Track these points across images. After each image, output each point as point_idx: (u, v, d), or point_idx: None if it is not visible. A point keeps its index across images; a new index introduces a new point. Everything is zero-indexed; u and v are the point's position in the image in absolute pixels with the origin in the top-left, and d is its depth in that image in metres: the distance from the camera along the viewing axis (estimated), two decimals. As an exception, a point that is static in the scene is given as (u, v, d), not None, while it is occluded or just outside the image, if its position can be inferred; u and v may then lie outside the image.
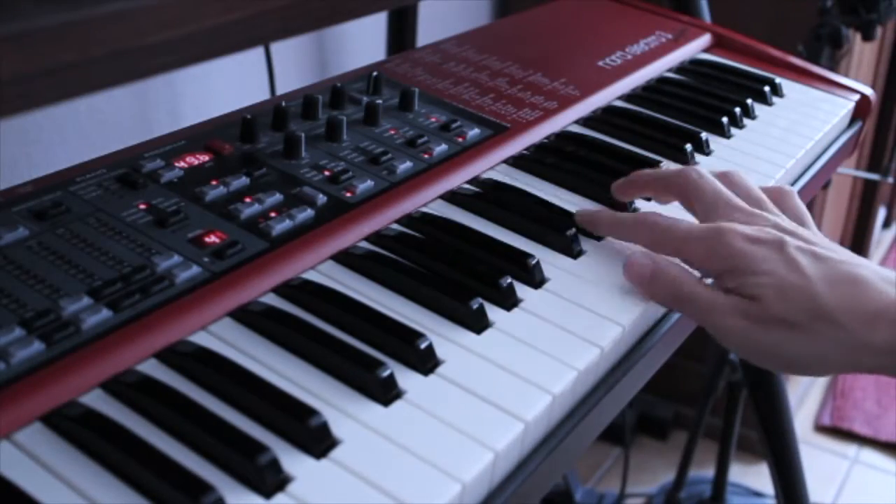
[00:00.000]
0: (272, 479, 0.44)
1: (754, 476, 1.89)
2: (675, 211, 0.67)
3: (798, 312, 0.56)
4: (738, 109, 0.90)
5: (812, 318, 0.56)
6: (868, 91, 1.01)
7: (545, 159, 0.76)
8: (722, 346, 0.60)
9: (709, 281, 0.61)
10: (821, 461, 1.99)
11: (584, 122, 0.85)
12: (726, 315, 0.58)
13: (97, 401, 0.47)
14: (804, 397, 2.15)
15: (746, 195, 0.64)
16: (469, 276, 0.60)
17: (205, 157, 0.66)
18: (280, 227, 0.60)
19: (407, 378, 0.52)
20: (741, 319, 0.57)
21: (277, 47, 1.20)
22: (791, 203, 0.66)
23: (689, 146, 0.82)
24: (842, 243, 2.31)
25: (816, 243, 0.60)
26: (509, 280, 0.59)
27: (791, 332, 0.56)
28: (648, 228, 0.63)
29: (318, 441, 0.46)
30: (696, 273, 0.61)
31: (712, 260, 0.59)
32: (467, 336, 0.56)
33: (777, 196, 0.66)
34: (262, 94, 1.20)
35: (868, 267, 0.58)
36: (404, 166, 0.69)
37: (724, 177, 0.66)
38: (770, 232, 0.59)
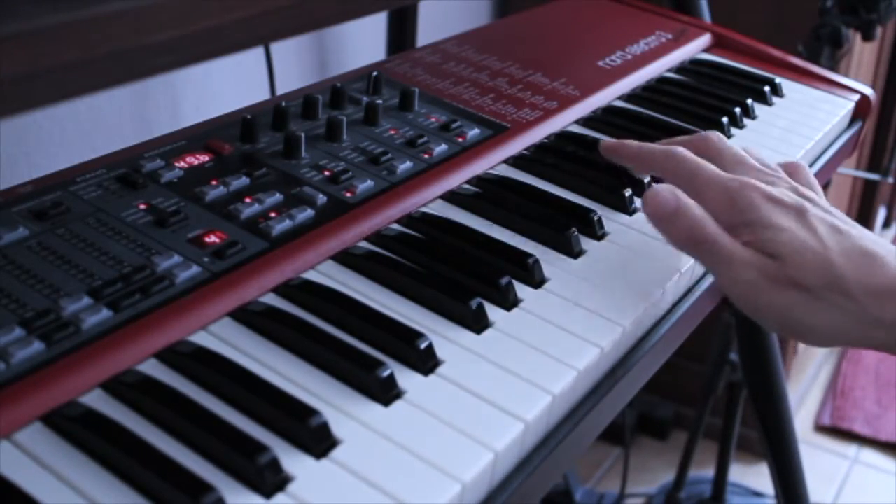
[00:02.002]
0: (272, 479, 0.44)
1: (754, 476, 1.89)
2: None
3: (814, 278, 0.56)
4: (738, 109, 0.90)
5: (825, 286, 0.55)
6: (868, 91, 1.01)
7: (545, 159, 0.76)
8: (728, 296, 0.59)
9: None
10: (821, 461, 1.99)
11: (584, 122, 0.85)
12: (744, 267, 0.57)
13: (97, 401, 0.47)
14: (804, 397, 2.15)
15: (764, 164, 0.64)
16: (469, 276, 0.60)
17: (205, 157, 0.66)
18: (280, 227, 0.60)
19: (407, 378, 0.52)
20: (757, 274, 0.57)
21: (277, 47, 1.20)
22: (804, 176, 0.65)
23: (689, 146, 0.81)
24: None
25: (834, 214, 0.60)
26: (509, 280, 0.59)
27: (804, 297, 0.56)
28: (676, 162, 0.62)
29: (318, 441, 0.46)
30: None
31: (731, 210, 0.59)
32: (467, 336, 0.56)
33: (792, 169, 0.66)
34: (262, 94, 1.20)
35: (884, 245, 0.58)
36: (404, 166, 0.69)
37: (742, 149, 0.66)
38: (792, 196, 0.59)
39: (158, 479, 0.43)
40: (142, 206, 0.60)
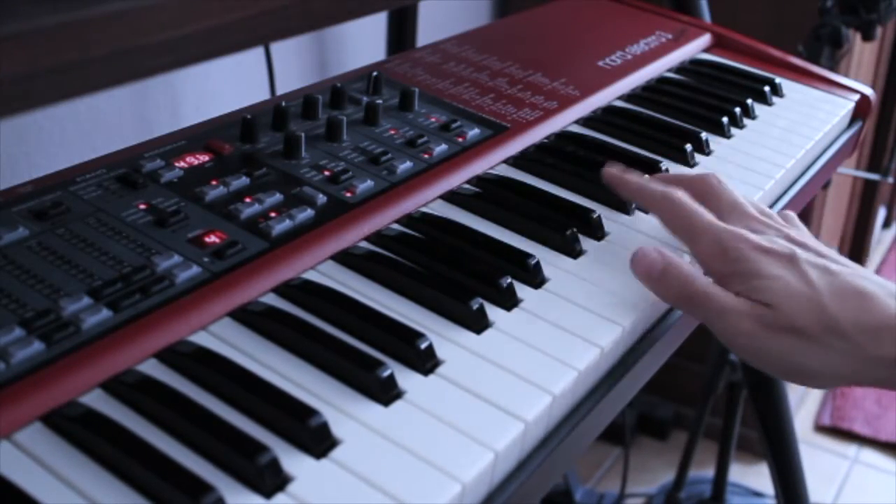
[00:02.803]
0: (272, 479, 0.44)
1: (754, 476, 1.89)
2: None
3: (808, 322, 0.56)
4: (738, 109, 0.90)
5: (821, 330, 0.56)
6: (868, 91, 1.01)
7: (545, 159, 0.76)
8: (727, 348, 0.60)
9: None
10: (821, 461, 1.99)
11: (584, 122, 0.85)
12: (737, 317, 0.58)
13: (97, 401, 0.47)
14: (804, 397, 2.15)
15: (760, 210, 0.65)
16: (469, 276, 0.60)
17: (205, 157, 0.66)
18: (280, 227, 0.60)
19: (407, 378, 0.52)
20: (752, 324, 0.57)
21: (277, 47, 1.20)
22: (794, 221, 0.66)
23: (689, 146, 0.82)
24: (842, 243, 2.31)
25: (827, 256, 0.60)
26: (509, 280, 0.59)
27: (800, 342, 0.56)
28: (673, 206, 0.63)
29: (318, 441, 0.46)
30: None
31: (724, 260, 0.59)
32: (467, 336, 0.56)
33: (783, 216, 0.67)
34: (262, 94, 1.20)
35: (876, 281, 0.58)
36: (404, 166, 0.69)
37: (740, 196, 0.67)
38: (782, 244, 0.60)
39: (158, 479, 0.43)
40: (142, 206, 0.60)
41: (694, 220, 0.62)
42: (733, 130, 0.88)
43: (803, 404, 2.14)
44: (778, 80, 0.99)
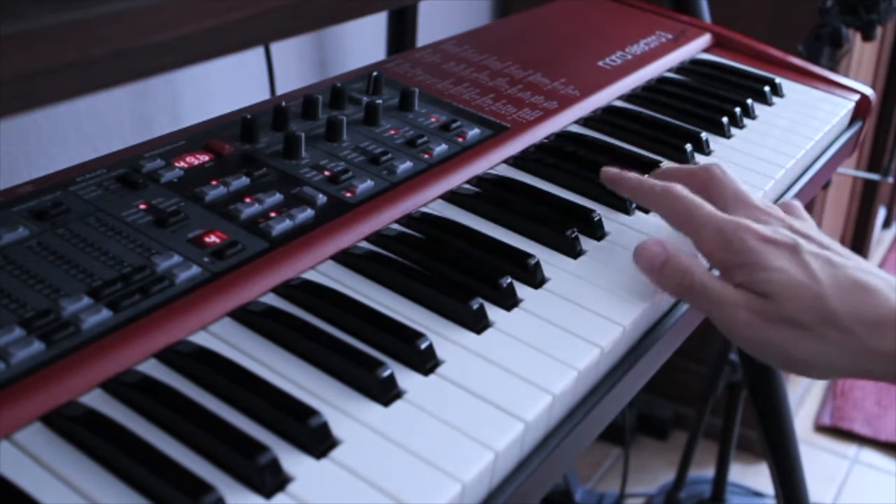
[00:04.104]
0: (272, 480, 0.44)
1: (754, 476, 1.89)
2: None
3: (807, 314, 0.56)
4: (738, 109, 0.90)
5: (820, 322, 0.56)
6: (868, 91, 1.01)
7: (545, 159, 0.76)
8: (727, 339, 0.60)
9: (715, 273, 0.61)
10: (821, 461, 1.99)
11: (584, 122, 0.85)
12: (736, 309, 0.58)
13: (97, 401, 0.47)
14: (804, 397, 2.15)
15: (762, 202, 0.65)
16: (469, 276, 0.60)
17: (205, 157, 0.66)
18: (280, 227, 0.60)
19: (407, 378, 0.52)
20: (750, 315, 0.57)
21: (277, 47, 1.20)
22: (798, 213, 0.66)
23: (689, 146, 0.82)
24: (842, 243, 2.31)
25: (830, 248, 0.60)
26: (509, 280, 0.59)
27: (799, 333, 0.57)
28: (674, 200, 0.63)
29: (318, 441, 0.46)
30: (706, 263, 0.61)
31: (724, 252, 0.59)
32: (467, 336, 0.56)
33: (786, 207, 0.67)
34: (262, 94, 1.20)
35: (879, 275, 0.58)
36: (404, 166, 0.69)
37: (742, 186, 0.67)
38: (785, 234, 0.60)
39: (158, 479, 0.43)
40: (142, 206, 0.60)
41: (695, 213, 0.62)
42: (733, 130, 0.88)
43: (803, 404, 2.14)
44: (778, 80, 0.99)
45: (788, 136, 0.89)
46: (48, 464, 0.44)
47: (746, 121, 0.91)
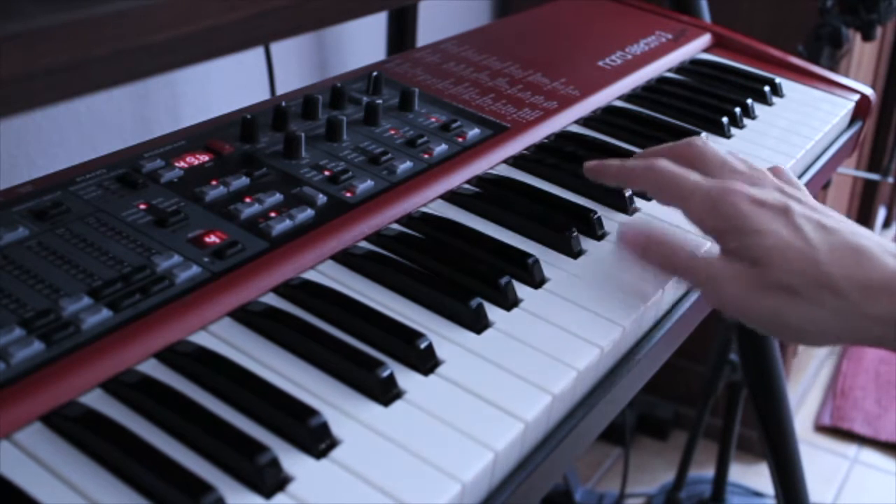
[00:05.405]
0: (272, 479, 0.44)
1: (754, 476, 1.89)
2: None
3: (800, 279, 0.55)
4: (738, 109, 0.90)
5: (813, 286, 0.55)
6: (868, 91, 1.01)
7: (545, 159, 0.76)
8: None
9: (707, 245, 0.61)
10: (821, 461, 1.99)
11: (584, 122, 0.85)
12: (725, 282, 0.57)
13: (97, 401, 0.47)
14: (804, 397, 2.15)
15: (749, 166, 0.64)
16: (469, 276, 0.60)
17: (205, 157, 0.66)
18: (280, 227, 0.60)
19: (407, 378, 0.52)
20: (739, 287, 0.57)
21: (277, 47, 1.20)
22: (787, 176, 0.65)
23: (689, 146, 0.81)
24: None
25: (821, 211, 0.59)
26: (509, 280, 0.59)
27: (791, 299, 0.56)
28: (657, 176, 0.62)
29: (318, 441, 0.46)
30: (693, 237, 0.61)
31: (714, 217, 0.59)
32: (467, 336, 0.56)
33: (775, 172, 0.66)
34: (262, 94, 1.20)
35: (872, 238, 0.57)
36: (404, 166, 0.69)
37: (727, 154, 0.66)
38: (776, 197, 0.59)
39: (158, 479, 0.43)
40: (142, 206, 0.60)
41: (681, 183, 0.61)
42: (733, 130, 0.88)
43: (803, 404, 2.14)
44: (778, 80, 0.99)
45: (788, 136, 0.89)
46: (48, 464, 0.44)
47: (746, 121, 0.91)
